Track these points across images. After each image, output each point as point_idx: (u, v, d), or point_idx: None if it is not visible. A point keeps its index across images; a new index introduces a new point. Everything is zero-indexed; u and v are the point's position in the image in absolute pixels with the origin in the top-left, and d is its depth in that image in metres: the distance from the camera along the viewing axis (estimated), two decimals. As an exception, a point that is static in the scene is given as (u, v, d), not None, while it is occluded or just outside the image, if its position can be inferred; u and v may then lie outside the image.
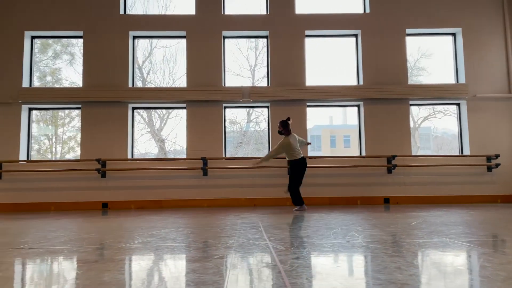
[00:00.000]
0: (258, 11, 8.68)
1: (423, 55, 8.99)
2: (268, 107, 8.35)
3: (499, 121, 8.22)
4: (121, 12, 8.34)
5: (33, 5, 8.19)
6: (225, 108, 8.37)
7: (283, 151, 6.46)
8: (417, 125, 9.43)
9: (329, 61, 8.82)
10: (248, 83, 8.83)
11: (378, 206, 7.32)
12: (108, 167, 7.84)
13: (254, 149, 9.25)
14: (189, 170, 7.88)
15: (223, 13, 8.42)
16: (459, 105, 8.47)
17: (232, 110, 8.64)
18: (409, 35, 8.55)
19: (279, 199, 7.81)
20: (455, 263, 2.30)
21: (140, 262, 2.44)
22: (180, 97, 8.03)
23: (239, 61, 8.87)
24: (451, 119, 8.88)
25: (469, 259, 2.43)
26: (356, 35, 8.54)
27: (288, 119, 6.65)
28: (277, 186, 7.82)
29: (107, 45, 8.18)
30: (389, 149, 8.04)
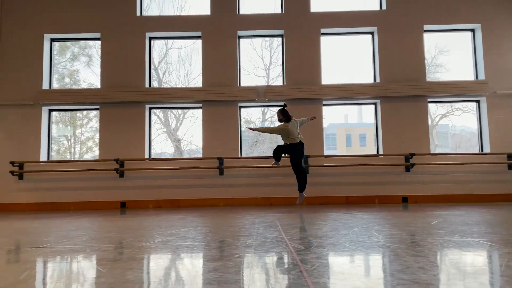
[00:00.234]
0: (272, 10, 8.67)
1: (441, 52, 8.85)
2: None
3: (520, 118, 8.04)
4: (138, 13, 8.44)
5: (52, 8, 8.35)
6: (241, 107, 8.39)
7: (279, 133, 6.64)
8: (434, 123, 9.29)
9: (345, 59, 8.76)
10: (262, 82, 8.83)
11: (396, 205, 7.24)
12: (126, 167, 7.94)
13: (269, 148, 9.25)
14: (205, 169, 7.92)
15: (238, 13, 8.44)
16: (478, 102, 8.31)
17: (247, 109, 8.65)
18: (427, 31, 8.42)
19: (295, 198, 7.78)
20: (479, 263, 2.26)
21: (161, 260, 2.47)
22: (196, 97, 8.08)
23: (253, 60, 8.88)
24: (469, 116, 8.73)
25: (493, 258, 2.39)
26: (372, 33, 8.45)
27: (284, 106, 6.74)
28: (293, 185, 7.79)
29: (124, 47, 8.28)
30: (407, 147, 7.94)
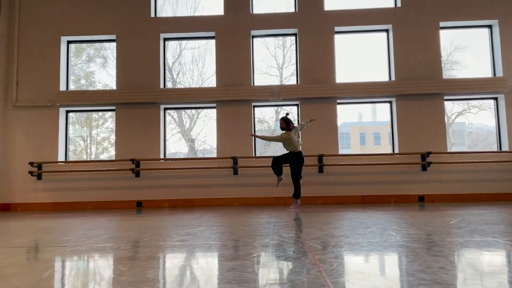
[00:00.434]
0: (286, 9, 8.65)
1: (457, 49, 8.72)
2: (297, 105, 8.31)
3: (540, 115, 7.86)
4: (152, 14, 8.51)
5: (69, 11, 8.48)
6: (254, 107, 8.40)
7: (282, 141, 6.73)
8: (450, 121, 9.16)
9: (359, 57, 8.70)
10: (276, 81, 8.83)
11: (412, 204, 7.16)
12: (141, 167, 8.03)
13: (283, 148, 9.24)
14: (219, 169, 7.95)
15: (251, 13, 8.45)
16: (496, 99, 8.16)
17: (260, 109, 8.66)
18: (443, 28, 8.30)
19: (309, 198, 7.77)
20: (500, 263, 2.22)
21: (180, 259, 2.49)
22: (210, 97, 8.12)
23: (266, 59, 8.88)
24: (486, 114, 8.58)
25: (516, 259, 2.34)
26: (387, 30, 8.37)
27: (287, 114, 6.85)
28: (308, 184, 7.78)
29: (139, 48, 8.37)
30: (423, 146, 7.84)
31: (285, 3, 8.73)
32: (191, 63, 9.27)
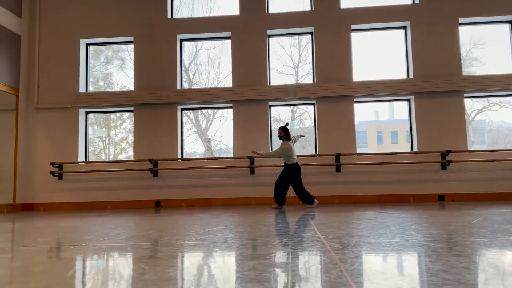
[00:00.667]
0: (301, 8, 8.62)
1: (476, 45, 8.55)
2: (314, 104, 8.28)
3: None
4: (169, 16, 8.59)
5: (88, 14, 8.64)
6: (271, 106, 8.40)
7: (284, 154, 6.59)
8: (470, 119, 8.99)
9: (376, 55, 8.61)
10: (291, 80, 8.81)
11: (432, 203, 7.05)
12: (159, 167, 8.12)
13: (299, 147, 9.22)
14: (236, 168, 7.98)
15: (267, 12, 8.45)
16: (519, 96, 7.97)
17: (276, 108, 8.65)
18: (462, 24, 8.15)
19: (327, 197, 7.74)
20: (528, 264, 2.17)
21: (200, 258, 2.51)
22: (226, 97, 8.15)
23: (282, 58, 8.86)
24: (507, 111, 8.39)
25: (543, 259, 2.29)
26: (405, 27, 8.26)
27: (287, 124, 6.78)
28: (325, 183, 7.76)
29: (156, 49, 8.46)
30: (443, 144, 7.72)
31: (300, 2, 8.71)
32: (207, 64, 9.33)
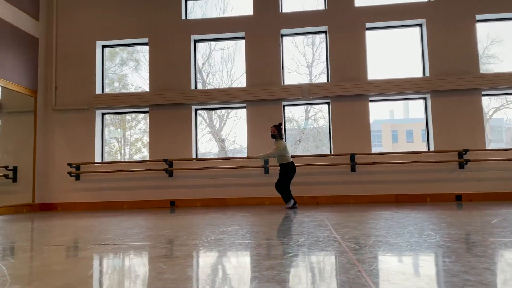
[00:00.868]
0: (315, 6, 8.59)
1: (493, 42, 8.39)
2: (328, 103, 8.24)
3: None
4: (183, 17, 8.65)
5: (103, 17, 8.75)
6: (284, 106, 8.38)
7: (281, 153, 6.59)
8: (487, 117, 8.84)
9: (392, 53, 8.52)
10: (305, 80, 8.77)
11: (449, 203, 6.94)
12: (174, 167, 8.18)
13: (313, 146, 9.19)
14: (251, 168, 7.99)
15: (280, 12, 8.44)
16: (539, 93, 7.79)
17: (289, 108, 8.63)
18: (479, 21, 8.00)
19: (341, 197, 7.69)
20: (552, 265, 2.12)
21: (218, 258, 2.52)
22: (240, 97, 8.17)
23: (296, 58, 8.84)
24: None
25: None
26: (420, 25, 8.16)
27: (280, 124, 6.79)
28: (340, 183, 7.71)
29: (170, 50, 8.53)
30: (460, 143, 7.60)
31: (314, 0, 8.67)
32: (221, 64, 9.36)
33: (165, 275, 2.01)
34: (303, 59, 8.98)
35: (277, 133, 6.68)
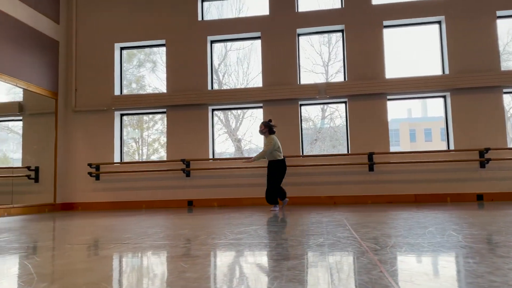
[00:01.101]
0: (331, 5, 8.53)
1: (515, 38, 8.19)
2: (345, 102, 8.18)
3: None
4: (199, 18, 8.71)
5: (122, 19, 8.88)
6: (301, 105, 8.36)
7: (273, 149, 6.31)
8: (509, 115, 8.64)
9: (410, 51, 8.41)
10: (321, 79, 8.73)
11: (470, 203, 6.81)
12: (192, 167, 8.24)
13: (329, 146, 9.13)
14: (266, 168, 7.97)
15: (297, 11, 8.41)
16: None
17: (305, 107, 8.60)
18: (500, 17, 7.82)
19: (359, 197, 7.62)
20: None
21: (237, 258, 2.53)
22: (257, 97, 8.18)
23: (311, 57, 8.80)
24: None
25: None
26: (439, 22, 8.02)
27: (270, 121, 6.52)
28: (357, 183, 7.65)
29: (187, 51, 8.60)
30: (481, 142, 7.45)
31: (330, -1, 8.62)
32: (236, 64, 9.39)
33: (187, 274, 2.03)
34: (319, 58, 8.94)
35: (265, 129, 6.42)
